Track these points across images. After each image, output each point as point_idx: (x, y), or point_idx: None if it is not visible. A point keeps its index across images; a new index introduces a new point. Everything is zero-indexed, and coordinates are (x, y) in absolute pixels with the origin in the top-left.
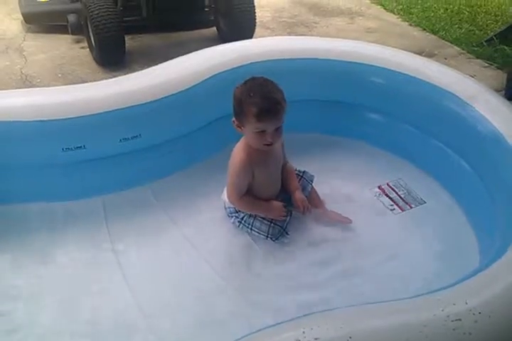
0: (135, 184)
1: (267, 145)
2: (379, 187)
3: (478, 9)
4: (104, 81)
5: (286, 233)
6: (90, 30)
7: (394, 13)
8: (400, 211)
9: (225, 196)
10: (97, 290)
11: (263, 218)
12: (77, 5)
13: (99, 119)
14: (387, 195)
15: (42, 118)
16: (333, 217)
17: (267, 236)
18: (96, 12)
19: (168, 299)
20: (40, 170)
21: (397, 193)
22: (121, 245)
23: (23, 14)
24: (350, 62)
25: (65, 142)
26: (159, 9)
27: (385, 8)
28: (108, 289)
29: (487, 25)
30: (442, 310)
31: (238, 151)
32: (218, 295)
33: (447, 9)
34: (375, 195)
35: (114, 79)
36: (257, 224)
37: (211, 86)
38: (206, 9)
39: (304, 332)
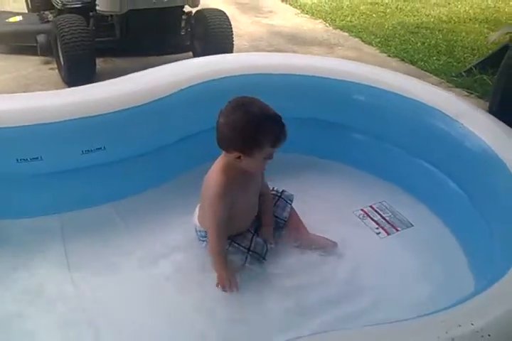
0: (97, 202)
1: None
2: (362, 210)
3: (455, 44)
4: (68, 89)
5: (264, 259)
6: (60, 48)
7: (372, 45)
8: (385, 234)
9: (196, 219)
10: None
11: (238, 244)
12: (48, 25)
13: (59, 128)
14: (371, 218)
15: None
16: (316, 240)
17: (244, 264)
18: (66, 30)
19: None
20: None
21: (381, 216)
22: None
23: None
24: (331, 79)
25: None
26: (132, 30)
27: (362, 41)
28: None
29: (464, 58)
30: (447, 333)
31: (215, 175)
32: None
33: (424, 43)
34: (359, 218)
35: (80, 87)
36: (233, 250)
37: (184, 98)
38: (182, 33)
39: None
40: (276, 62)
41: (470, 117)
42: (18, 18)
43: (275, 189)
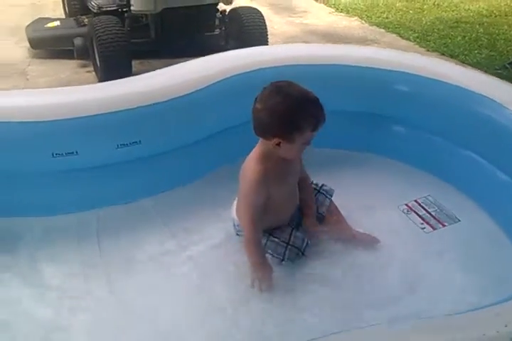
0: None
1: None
2: (406, 205)
3: (497, 37)
4: (108, 82)
5: (303, 254)
6: (96, 50)
7: (410, 40)
8: (431, 229)
9: (233, 213)
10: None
11: (277, 237)
12: (84, 29)
13: (93, 122)
14: (416, 213)
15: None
16: (358, 236)
17: (283, 259)
18: (102, 30)
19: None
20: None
21: (426, 211)
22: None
23: (29, 39)
24: (370, 68)
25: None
26: (167, 30)
27: (400, 36)
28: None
29: (508, 51)
30: (506, 326)
31: (253, 163)
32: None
33: (465, 37)
34: (404, 213)
35: (116, 80)
36: (272, 245)
37: (217, 92)
38: (216, 31)
39: None
40: (308, 53)
41: None
42: (56, 23)
43: (314, 182)
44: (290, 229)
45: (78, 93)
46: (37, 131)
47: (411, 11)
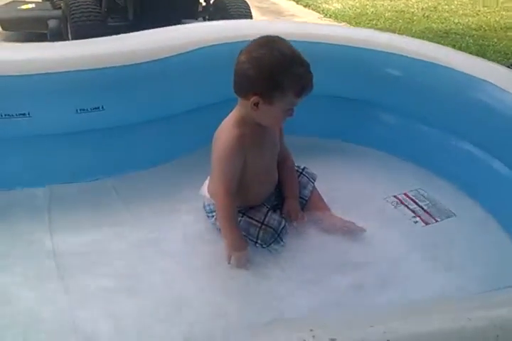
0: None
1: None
2: (395, 197)
3: (487, 48)
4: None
5: (281, 239)
6: (69, 30)
7: None
8: (423, 224)
9: (205, 191)
10: None
11: (251, 217)
12: (59, 12)
13: (51, 80)
14: (406, 206)
15: None
16: (341, 224)
17: (256, 242)
18: (76, 9)
19: None
20: None
21: (418, 204)
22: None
23: (0, 21)
24: (359, 49)
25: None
26: (146, 13)
27: None
28: None
29: (498, 62)
30: None
31: (227, 128)
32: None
33: (455, 45)
34: (392, 205)
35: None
36: (244, 225)
37: (196, 61)
38: (199, 19)
39: None
40: (294, 31)
41: None
42: (30, 6)
43: (296, 165)
44: (266, 210)
45: (37, 49)
46: None
47: (400, 21)
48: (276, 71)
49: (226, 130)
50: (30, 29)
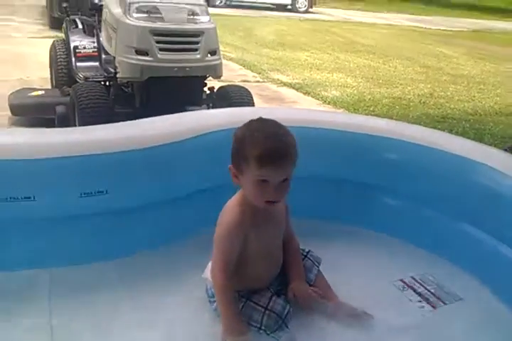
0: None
1: (270, 202)
2: (402, 281)
3: (484, 132)
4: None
5: (286, 326)
6: (77, 116)
7: None
8: (430, 308)
9: (208, 274)
10: None
11: (255, 302)
12: (67, 98)
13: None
14: (413, 290)
15: None
16: (349, 311)
17: (260, 328)
18: (84, 95)
19: None
20: None
21: (425, 288)
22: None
23: (10, 106)
24: (361, 134)
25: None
26: (152, 100)
27: None
28: None
29: (495, 145)
30: None
31: (231, 206)
32: None
33: (452, 130)
34: (399, 289)
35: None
36: (247, 310)
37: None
38: (203, 107)
39: None
40: (295, 117)
41: None
42: (40, 93)
43: (300, 248)
44: (270, 294)
45: (39, 135)
46: None
47: (397, 107)
48: (239, 140)
49: (228, 208)
50: (38, 115)
